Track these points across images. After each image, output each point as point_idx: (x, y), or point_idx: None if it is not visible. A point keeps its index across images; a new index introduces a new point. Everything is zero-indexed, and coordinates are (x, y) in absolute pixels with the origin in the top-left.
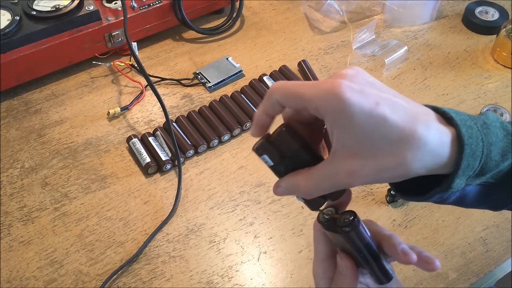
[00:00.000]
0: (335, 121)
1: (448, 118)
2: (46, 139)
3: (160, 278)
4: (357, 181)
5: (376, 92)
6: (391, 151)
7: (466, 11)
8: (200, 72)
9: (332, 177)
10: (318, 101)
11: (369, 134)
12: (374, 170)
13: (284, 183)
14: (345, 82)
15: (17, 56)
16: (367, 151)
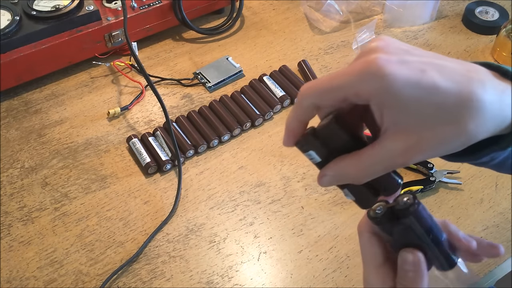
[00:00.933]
0: (381, 101)
1: (504, 73)
2: (46, 139)
3: (160, 278)
4: (415, 158)
5: (417, 59)
6: (450, 119)
7: (466, 11)
8: (200, 72)
9: (386, 158)
10: (357, 86)
11: (421, 106)
12: (434, 143)
13: (331, 171)
14: (381, 56)
15: (17, 56)
16: (423, 125)
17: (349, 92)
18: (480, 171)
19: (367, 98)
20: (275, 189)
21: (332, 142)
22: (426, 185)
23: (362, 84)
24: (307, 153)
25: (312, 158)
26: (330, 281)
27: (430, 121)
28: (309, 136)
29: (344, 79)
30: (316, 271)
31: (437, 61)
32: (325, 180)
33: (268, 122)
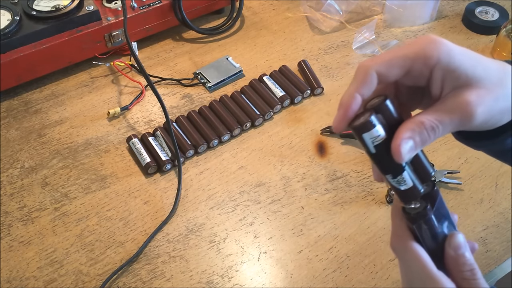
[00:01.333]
0: (445, 64)
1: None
2: (46, 139)
3: (160, 278)
4: (479, 109)
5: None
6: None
7: (466, 11)
8: (200, 72)
9: (457, 108)
10: (427, 51)
11: (475, 70)
12: (490, 99)
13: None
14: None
15: (17, 56)
16: (479, 86)
17: (418, 58)
18: (480, 171)
19: (435, 61)
20: (275, 189)
21: (391, 117)
22: None
23: (430, 48)
24: (372, 130)
25: (376, 136)
26: (330, 281)
27: (484, 82)
28: (382, 106)
29: (413, 47)
30: (316, 271)
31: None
32: (408, 146)
33: (268, 122)
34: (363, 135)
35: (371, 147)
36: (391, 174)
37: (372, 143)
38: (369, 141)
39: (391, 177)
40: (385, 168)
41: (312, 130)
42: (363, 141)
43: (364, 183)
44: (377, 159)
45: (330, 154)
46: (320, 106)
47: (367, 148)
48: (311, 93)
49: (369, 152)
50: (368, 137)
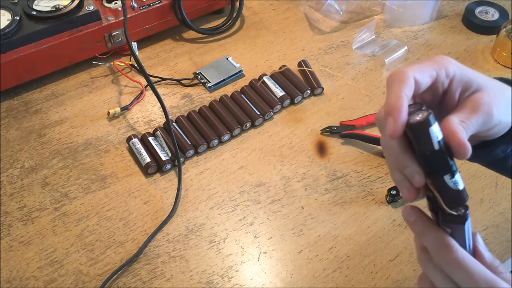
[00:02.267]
0: (460, 76)
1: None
2: (46, 139)
3: (160, 278)
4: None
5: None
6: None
7: (466, 11)
8: (200, 72)
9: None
10: (446, 66)
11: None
12: (499, 101)
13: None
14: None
15: (17, 56)
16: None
17: (441, 70)
18: (480, 171)
19: (453, 73)
20: (275, 189)
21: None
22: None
23: (447, 64)
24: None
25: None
26: (330, 281)
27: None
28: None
29: (434, 62)
30: (316, 271)
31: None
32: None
33: (268, 122)
34: (429, 129)
35: (435, 143)
36: (450, 173)
37: (436, 138)
38: (434, 136)
39: (449, 177)
40: (444, 167)
41: (312, 130)
42: (427, 138)
43: (364, 183)
44: (438, 157)
45: (330, 154)
46: (320, 106)
47: (430, 145)
48: (311, 93)
49: (431, 150)
50: (433, 133)
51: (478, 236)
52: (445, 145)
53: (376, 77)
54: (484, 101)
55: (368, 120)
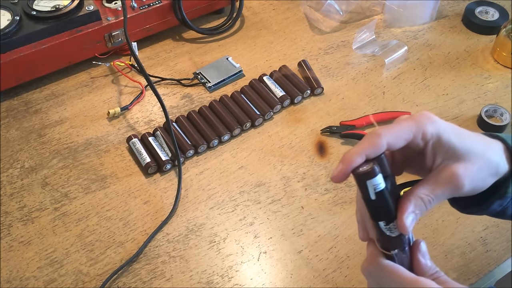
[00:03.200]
0: (436, 140)
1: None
2: (46, 139)
3: (160, 278)
4: (467, 181)
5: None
6: (482, 154)
7: (466, 11)
8: (200, 72)
9: (448, 181)
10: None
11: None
12: (475, 170)
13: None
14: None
15: (17, 56)
16: (465, 159)
17: (419, 134)
18: None
19: (430, 136)
20: (275, 189)
21: (385, 170)
22: None
23: (427, 125)
24: (375, 178)
25: (375, 185)
26: (330, 281)
27: (469, 156)
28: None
29: (414, 123)
30: (316, 271)
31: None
32: (410, 218)
33: (268, 122)
34: (367, 181)
35: (371, 193)
36: (385, 221)
37: (373, 190)
38: (371, 188)
39: (384, 224)
40: (380, 215)
41: (312, 130)
42: (365, 188)
43: None
44: (374, 206)
45: (330, 154)
46: (320, 106)
47: (367, 195)
48: (311, 93)
49: (368, 199)
50: (370, 184)
51: (421, 245)
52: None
53: (376, 77)
54: (457, 174)
55: (368, 120)
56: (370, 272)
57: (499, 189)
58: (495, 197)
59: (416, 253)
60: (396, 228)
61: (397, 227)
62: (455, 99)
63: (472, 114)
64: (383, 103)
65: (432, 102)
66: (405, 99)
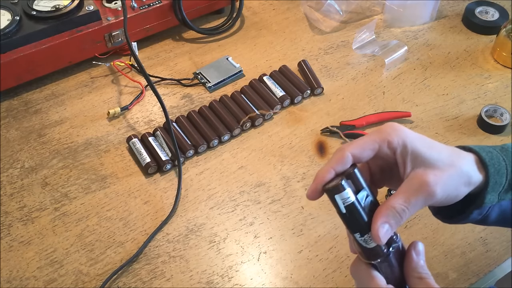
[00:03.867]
0: (403, 147)
1: (468, 149)
2: (46, 139)
3: (160, 278)
4: (438, 188)
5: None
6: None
7: (466, 11)
8: (200, 72)
9: (419, 189)
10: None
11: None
12: (445, 178)
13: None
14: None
15: (17, 56)
16: (434, 167)
17: (384, 143)
18: None
19: (396, 145)
20: (275, 189)
21: (359, 184)
22: None
23: (392, 135)
24: (343, 193)
25: (344, 199)
26: (330, 281)
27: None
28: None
29: (380, 134)
30: (316, 271)
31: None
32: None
33: (268, 122)
34: (335, 196)
35: (342, 207)
36: (359, 232)
37: (342, 204)
38: (340, 202)
39: (359, 236)
40: (354, 228)
41: (312, 130)
42: (334, 202)
43: None
44: (347, 219)
45: (330, 154)
46: (320, 106)
47: (338, 209)
48: (311, 93)
49: (340, 213)
50: (339, 198)
51: (419, 244)
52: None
53: (376, 77)
54: (427, 181)
55: (368, 120)
56: (353, 274)
57: (476, 200)
58: (473, 207)
59: (411, 250)
60: (371, 239)
61: (371, 238)
62: (455, 99)
63: (472, 114)
64: (383, 103)
65: (432, 102)
66: (405, 99)
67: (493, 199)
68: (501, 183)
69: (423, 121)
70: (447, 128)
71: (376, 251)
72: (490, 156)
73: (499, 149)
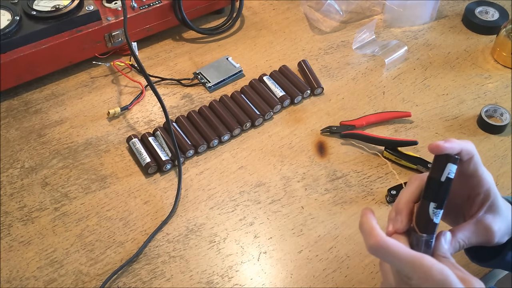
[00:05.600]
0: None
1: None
2: (46, 139)
3: (160, 278)
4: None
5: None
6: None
7: (466, 11)
8: (200, 72)
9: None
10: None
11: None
12: (504, 227)
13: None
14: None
15: (17, 56)
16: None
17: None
18: None
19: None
20: (275, 189)
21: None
22: None
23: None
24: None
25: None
26: (330, 281)
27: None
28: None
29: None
30: (316, 271)
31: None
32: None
33: (268, 122)
34: (448, 164)
35: (444, 176)
36: (437, 203)
37: (446, 174)
38: (447, 171)
39: (434, 206)
40: (436, 197)
41: (312, 130)
42: (442, 168)
43: (364, 183)
44: (438, 187)
45: (330, 154)
46: (320, 106)
47: (439, 175)
48: (311, 93)
49: (436, 179)
50: (448, 168)
51: (447, 233)
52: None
53: (376, 77)
54: (493, 230)
55: (368, 120)
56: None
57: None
58: (507, 248)
59: (440, 237)
60: (439, 216)
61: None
62: (455, 99)
63: (472, 114)
64: (383, 103)
65: (432, 102)
66: (405, 99)
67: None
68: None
69: (423, 121)
70: (447, 128)
71: (434, 227)
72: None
73: None
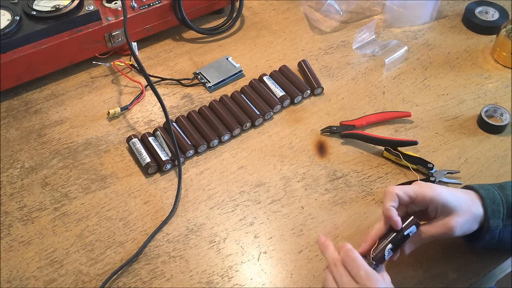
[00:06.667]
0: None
1: (470, 188)
2: (46, 139)
3: (160, 278)
4: (457, 230)
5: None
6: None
7: (466, 11)
8: (200, 72)
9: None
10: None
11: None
12: (463, 221)
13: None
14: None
15: (17, 56)
16: (457, 212)
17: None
18: (480, 171)
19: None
20: (275, 189)
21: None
22: None
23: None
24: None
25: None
26: None
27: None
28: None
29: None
30: (316, 271)
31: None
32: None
33: (268, 122)
34: (413, 225)
35: (407, 232)
36: (393, 247)
37: (409, 232)
38: (410, 230)
39: (390, 247)
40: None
41: (312, 130)
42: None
43: (364, 183)
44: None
45: (330, 154)
46: (320, 106)
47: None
48: (311, 93)
49: (401, 233)
50: (412, 229)
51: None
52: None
53: (376, 77)
54: (452, 226)
55: (368, 120)
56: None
57: (484, 226)
58: (483, 232)
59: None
60: (389, 255)
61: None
62: (455, 99)
63: (472, 114)
64: (383, 103)
65: (432, 102)
66: (405, 99)
67: (497, 223)
68: (500, 211)
69: (423, 121)
70: (447, 128)
71: (383, 260)
72: (486, 192)
73: (497, 187)
